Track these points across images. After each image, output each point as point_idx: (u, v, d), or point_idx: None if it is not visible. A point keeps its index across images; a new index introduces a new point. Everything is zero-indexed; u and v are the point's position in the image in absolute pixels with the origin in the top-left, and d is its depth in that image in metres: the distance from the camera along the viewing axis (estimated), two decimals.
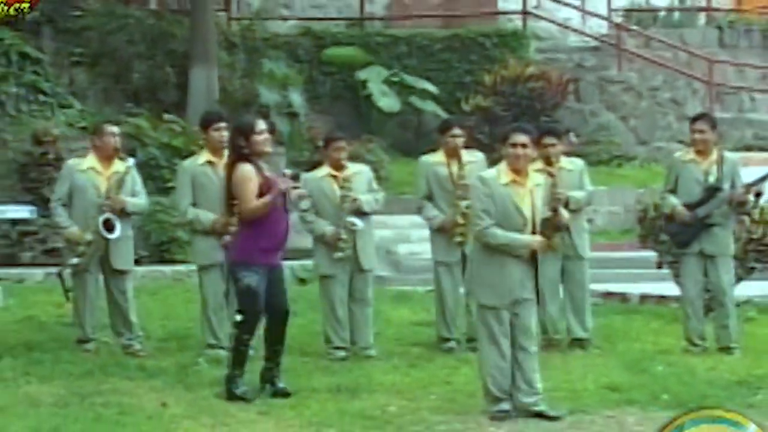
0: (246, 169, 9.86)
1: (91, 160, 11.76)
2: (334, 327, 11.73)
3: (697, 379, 10.47)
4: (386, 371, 10.88)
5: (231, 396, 9.77)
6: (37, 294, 14.71)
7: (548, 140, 12.20)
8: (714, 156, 12.04)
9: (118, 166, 11.76)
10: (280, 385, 9.92)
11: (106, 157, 11.74)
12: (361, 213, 11.71)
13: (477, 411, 9.18)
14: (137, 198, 11.85)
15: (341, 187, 11.69)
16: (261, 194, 9.83)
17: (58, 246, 16.45)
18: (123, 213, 11.59)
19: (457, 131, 12.21)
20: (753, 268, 15.07)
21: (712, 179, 11.92)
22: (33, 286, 15.36)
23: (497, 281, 9.21)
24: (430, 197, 12.19)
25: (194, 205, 11.48)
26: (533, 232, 9.19)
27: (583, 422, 8.96)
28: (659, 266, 14.78)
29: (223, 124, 11.66)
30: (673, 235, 12.23)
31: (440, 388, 10.11)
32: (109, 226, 11.41)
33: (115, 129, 11.98)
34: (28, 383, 10.19)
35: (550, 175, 11.92)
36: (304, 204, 10.70)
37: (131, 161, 12.05)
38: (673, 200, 12.04)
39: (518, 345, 9.26)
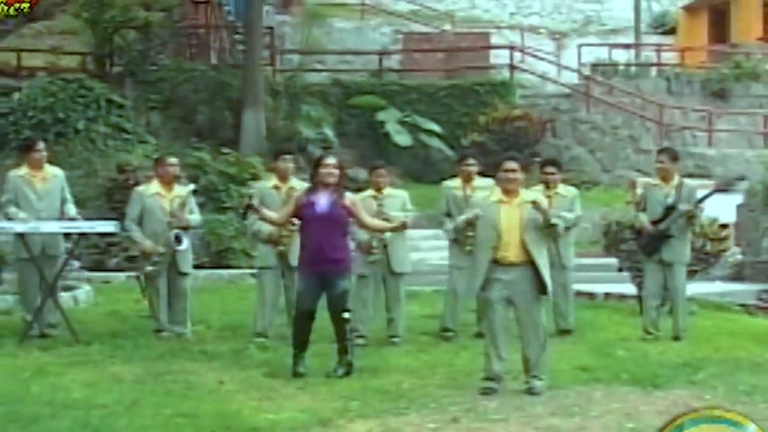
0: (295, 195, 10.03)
1: (155, 186, 11.73)
2: (361, 318, 11.71)
3: (650, 361, 10.43)
4: (400, 355, 10.85)
5: (294, 373, 9.76)
6: (120, 293, 14.73)
7: (550, 169, 12.34)
8: (675, 182, 12.07)
9: (179, 190, 11.77)
10: (337, 371, 9.80)
11: (168, 183, 11.72)
12: None
13: (474, 387, 9.15)
14: (194, 215, 11.87)
15: (378, 206, 11.68)
16: (295, 214, 9.97)
17: (136, 255, 16.51)
18: (186, 228, 11.61)
19: (471, 161, 12.24)
20: (695, 272, 15.05)
21: (670, 200, 11.95)
22: (117, 287, 15.38)
23: (474, 279, 9.24)
24: (449, 214, 12.19)
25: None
26: (507, 241, 9.14)
27: (558, 396, 8.92)
28: (620, 270, 14.77)
29: (289, 157, 11.70)
30: (642, 246, 12.21)
31: (444, 369, 10.07)
32: (178, 240, 11.45)
33: (174, 160, 11.94)
34: (113, 364, 10.18)
35: (548, 197, 11.99)
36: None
37: (192, 186, 12.07)
38: (643, 217, 12.07)
39: (524, 334, 9.24)
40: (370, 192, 11.81)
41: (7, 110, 21.52)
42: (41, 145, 12.02)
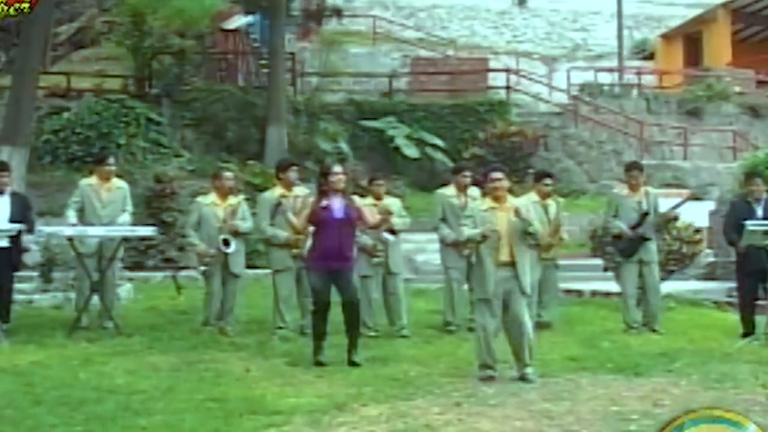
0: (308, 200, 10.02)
1: (212, 197, 11.78)
2: (368, 314, 11.69)
3: (632, 352, 10.42)
4: (408, 346, 10.86)
5: (315, 362, 9.76)
6: (158, 290, 14.75)
7: (547, 181, 12.26)
8: (642, 191, 12.09)
9: (232, 200, 11.79)
10: (354, 359, 9.79)
11: (223, 194, 11.76)
12: (391, 231, 11.73)
13: (474, 375, 9.15)
14: (246, 222, 11.86)
15: (379, 213, 11.67)
16: (312, 218, 9.94)
17: (172, 256, 16.53)
18: (236, 233, 11.63)
19: (467, 173, 12.22)
20: (672, 271, 15.06)
21: (645, 207, 11.95)
22: (155, 285, 15.40)
23: (486, 281, 9.18)
24: (444, 219, 12.17)
25: (272, 225, 11.49)
26: (502, 243, 9.12)
27: (549, 383, 8.91)
28: (605, 270, 14.76)
29: (296, 167, 11.69)
30: (622, 249, 12.15)
31: (447, 359, 10.08)
32: (226, 243, 11.47)
33: (229, 174, 12.04)
34: (151, 354, 10.21)
35: (544, 207, 11.95)
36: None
37: (242, 196, 12.11)
38: (620, 224, 12.03)
39: (510, 327, 9.21)
40: (370, 200, 11.78)
41: (58, 127, 21.63)
42: (112, 160, 12.25)
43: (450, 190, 12.28)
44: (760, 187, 11.55)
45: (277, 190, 11.60)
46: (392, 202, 12.01)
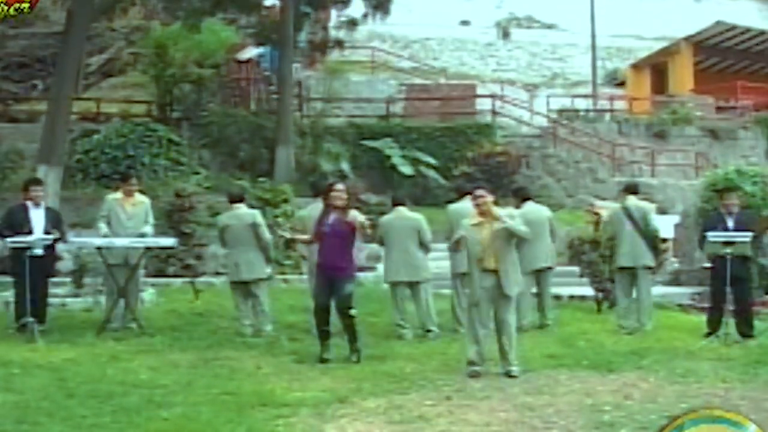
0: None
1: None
2: (396, 316, 11.67)
3: (606, 350, 10.41)
4: (403, 345, 10.85)
5: (320, 359, 9.72)
6: (178, 295, 14.72)
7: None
8: None
9: None
10: (351, 358, 9.79)
11: None
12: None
13: (464, 371, 9.15)
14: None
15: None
16: (316, 231, 9.88)
17: (190, 264, 16.50)
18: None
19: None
20: None
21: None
22: (175, 290, 15.35)
23: (474, 288, 9.19)
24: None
25: None
26: (488, 253, 9.12)
27: (531, 379, 8.91)
28: (581, 276, 14.75)
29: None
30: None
31: (439, 357, 10.07)
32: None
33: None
34: (171, 352, 10.21)
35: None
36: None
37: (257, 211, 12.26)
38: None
39: (499, 328, 9.22)
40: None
41: (89, 148, 21.68)
42: (134, 180, 12.35)
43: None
44: (733, 201, 11.59)
45: (320, 206, 11.57)
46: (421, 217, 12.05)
